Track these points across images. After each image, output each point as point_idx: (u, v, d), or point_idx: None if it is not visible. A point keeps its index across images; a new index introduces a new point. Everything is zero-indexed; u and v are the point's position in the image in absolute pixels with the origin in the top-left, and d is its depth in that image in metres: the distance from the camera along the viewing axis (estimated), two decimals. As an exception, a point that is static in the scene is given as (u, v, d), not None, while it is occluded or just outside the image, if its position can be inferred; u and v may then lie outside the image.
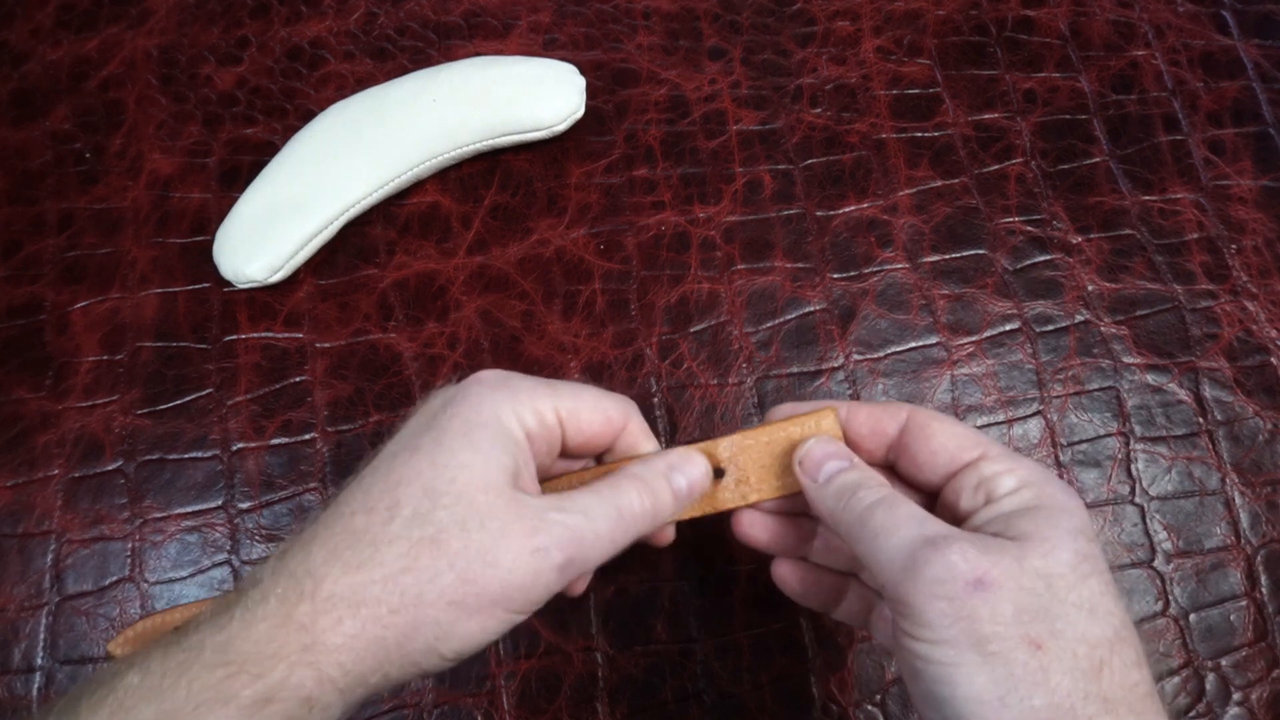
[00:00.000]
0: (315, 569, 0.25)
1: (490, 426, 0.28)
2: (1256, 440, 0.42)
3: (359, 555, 0.26)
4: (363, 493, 0.27)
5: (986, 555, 0.25)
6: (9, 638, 0.39)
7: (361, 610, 0.25)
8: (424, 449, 0.27)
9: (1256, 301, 0.44)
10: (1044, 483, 0.28)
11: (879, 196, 0.46)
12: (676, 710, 0.39)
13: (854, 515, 0.28)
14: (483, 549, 0.26)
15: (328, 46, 0.50)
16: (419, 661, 0.26)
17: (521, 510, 0.27)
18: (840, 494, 0.29)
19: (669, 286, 0.45)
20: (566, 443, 0.31)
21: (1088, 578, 0.25)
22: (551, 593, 0.27)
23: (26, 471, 0.42)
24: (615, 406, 0.32)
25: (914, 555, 0.26)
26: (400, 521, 0.26)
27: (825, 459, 0.31)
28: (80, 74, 0.50)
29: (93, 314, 0.45)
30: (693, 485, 0.31)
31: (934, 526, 0.27)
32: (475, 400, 0.29)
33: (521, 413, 0.29)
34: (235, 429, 0.43)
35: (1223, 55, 0.49)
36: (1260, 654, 0.39)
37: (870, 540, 0.27)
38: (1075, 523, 0.27)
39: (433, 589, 0.25)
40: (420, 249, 0.46)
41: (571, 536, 0.27)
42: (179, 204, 0.47)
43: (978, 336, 0.44)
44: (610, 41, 0.50)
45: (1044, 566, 0.25)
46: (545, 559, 0.26)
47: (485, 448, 0.27)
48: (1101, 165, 0.47)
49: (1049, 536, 0.26)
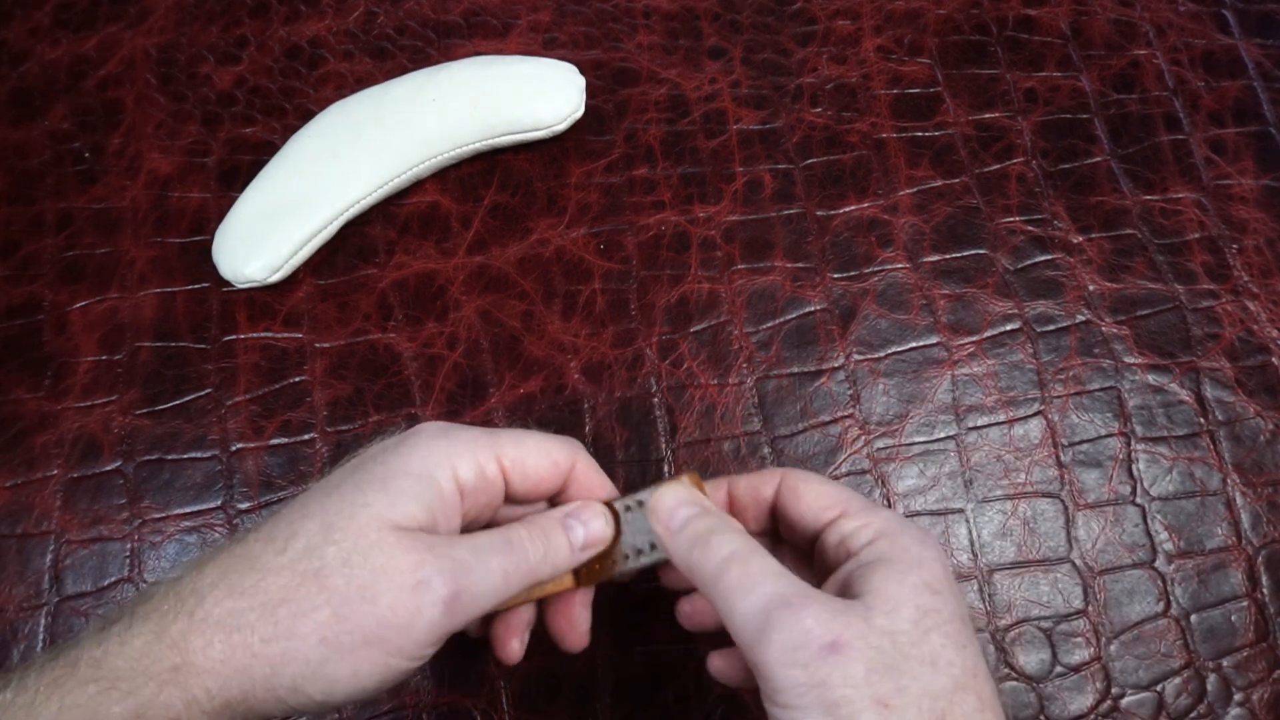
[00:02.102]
0: (202, 589, 0.26)
1: (414, 475, 0.28)
2: (1258, 440, 0.42)
3: (245, 581, 0.26)
4: (271, 522, 0.27)
5: (838, 618, 0.25)
6: (8, 638, 0.39)
7: (234, 636, 0.25)
8: (341, 489, 0.27)
9: (1258, 301, 0.44)
10: (897, 534, 0.28)
11: (879, 196, 0.46)
12: (676, 710, 0.39)
13: (709, 568, 0.28)
14: (362, 585, 0.25)
15: (327, 46, 0.50)
16: (284, 699, 0.25)
17: (411, 546, 0.26)
18: (693, 542, 0.29)
19: (669, 286, 0.45)
20: (512, 490, 0.31)
21: (929, 632, 0.26)
22: (436, 634, 0.26)
23: (25, 472, 0.42)
24: (561, 450, 0.31)
25: (768, 618, 0.26)
26: (291, 553, 0.26)
27: (677, 505, 0.30)
28: (79, 73, 0.50)
29: (91, 314, 0.45)
30: (590, 537, 0.31)
31: (787, 585, 0.27)
32: (408, 450, 0.28)
33: (458, 465, 0.29)
34: (234, 429, 0.42)
35: (1224, 55, 0.49)
36: (1261, 655, 0.39)
37: (725, 598, 0.27)
38: (922, 576, 0.27)
39: (306, 623, 0.25)
40: (420, 249, 0.46)
41: (456, 569, 0.26)
42: (178, 204, 0.47)
43: (978, 336, 0.44)
44: (610, 41, 0.50)
45: (888, 624, 0.25)
46: (427, 593, 0.26)
47: (395, 493, 0.27)
48: (1102, 165, 0.47)
49: (893, 594, 0.26)
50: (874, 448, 0.42)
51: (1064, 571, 0.40)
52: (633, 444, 0.42)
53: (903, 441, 0.42)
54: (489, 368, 0.43)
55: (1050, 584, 0.40)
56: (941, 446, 0.42)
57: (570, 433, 0.42)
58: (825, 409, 0.43)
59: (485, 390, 0.43)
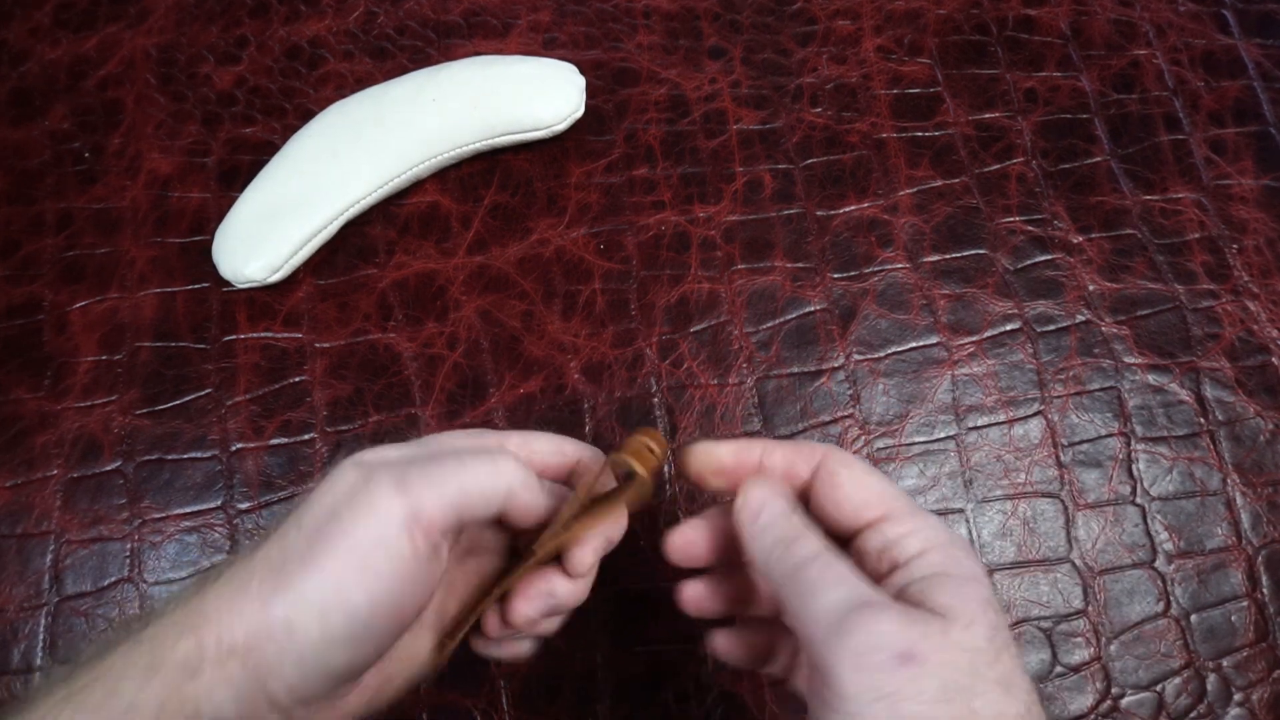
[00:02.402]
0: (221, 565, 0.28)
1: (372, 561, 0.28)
2: (1258, 440, 0.42)
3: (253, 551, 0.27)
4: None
5: (915, 627, 0.24)
6: (8, 638, 0.39)
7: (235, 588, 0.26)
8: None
9: (1258, 301, 0.44)
10: (949, 546, 0.27)
11: (879, 196, 0.46)
12: (676, 710, 0.39)
13: (789, 565, 0.27)
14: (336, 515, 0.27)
15: (327, 46, 0.50)
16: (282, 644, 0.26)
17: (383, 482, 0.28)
18: (780, 542, 0.28)
19: (669, 286, 0.45)
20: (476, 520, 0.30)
21: (1001, 652, 0.25)
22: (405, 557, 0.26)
23: (25, 472, 0.42)
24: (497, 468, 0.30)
25: (844, 617, 0.25)
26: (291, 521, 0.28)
27: (764, 502, 0.29)
28: (79, 73, 0.50)
29: (91, 314, 0.45)
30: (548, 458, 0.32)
31: (869, 591, 0.26)
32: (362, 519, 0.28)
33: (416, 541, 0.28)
34: (234, 429, 0.42)
35: (1224, 55, 0.49)
36: (1261, 654, 0.39)
37: (801, 595, 0.26)
38: (984, 593, 0.26)
39: (293, 558, 0.26)
40: (420, 249, 0.46)
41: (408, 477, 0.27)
42: (178, 204, 0.47)
43: (978, 336, 0.44)
44: (610, 41, 0.50)
45: (967, 639, 0.24)
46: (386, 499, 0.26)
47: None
48: (1102, 165, 0.47)
49: (967, 609, 0.25)
50: (874, 448, 0.42)
51: (1064, 571, 0.40)
52: (633, 444, 0.42)
53: (903, 441, 0.42)
54: (489, 368, 0.43)
55: (1050, 584, 0.40)
56: (941, 446, 0.42)
57: (570, 433, 0.42)
58: (825, 409, 0.43)
59: (485, 390, 0.43)
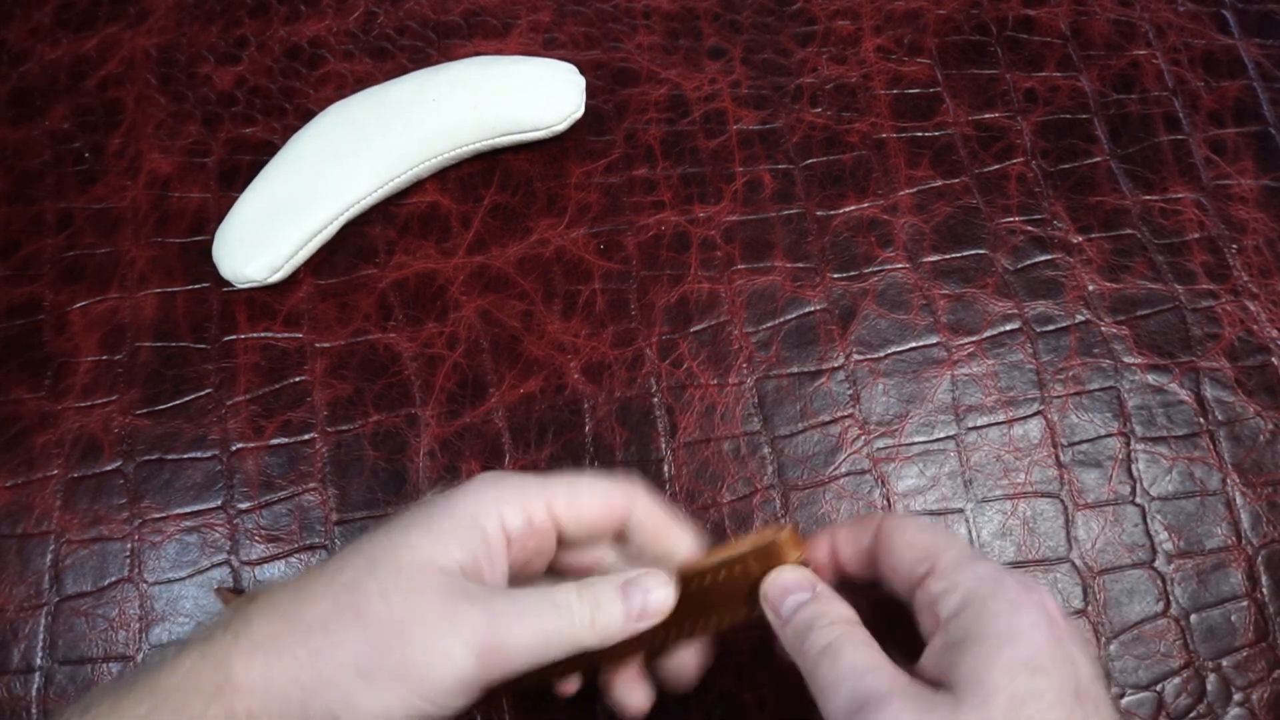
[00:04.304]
0: (250, 614, 0.26)
1: (458, 519, 0.28)
2: (1258, 440, 0.42)
3: (288, 606, 0.26)
4: (328, 560, 0.28)
5: (920, 717, 0.24)
6: (8, 638, 0.39)
7: (272, 658, 0.25)
8: (390, 531, 0.28)
9: (1257, 301, 0.44)
10: (986, 598, 0.26)
11: (879, 196, 0.46)
12: (677, 710, 0.39)
13: (807, 663, 0.27)
14: (398, 621, 0.26)
15: (327, 46, 0.50)
16: None
17: (450, 591, 0.26)
18: (798, 634, 0.28)
19: (669, 286, 0.45)
20: (566, 536, 0.30)
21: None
22: (465, 684, 0.26)
23: (25, 472, 0.42)
24: (616, 493, 0.31)
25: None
26: (337, 585, 0.27)
27: (787, 591, 0.29)
28: (79, 73, 0.50)
29: (91, 314, 0.45)
30: (648, 605, 0.29)
31: (870, 683, 0.25)
32: (457, 497, 0.29)
33: (505, 511, 0.28)
34: (234, 429, 0.42)
35: (1224, 55, 0.49)
36: (1261, 654, 0.39)
37: (818, 696, 0.26)
38: (1018, 654, 0.24)
39: (339, 652, 0.25)
40: (420, 249, 0.46)
41: (493, 621, 0.26)
42: (178, 204, 0.47)
43: (978, 336, 0.44)
44: (610, 41, 0.50)
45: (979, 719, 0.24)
46: (458, 639, 0.26)
47: (443, 536, 0.28)
48: (1102, 165, 0.47)
49: (984, 681, 0.24)
50: (874, 448, 0.42)
51: (1064, 571, 0.40)
52: (633, 444, 0.42)
53: (902, 441, 0.42)
54: (489, 368, 0.43)
55: (1050, 584, 0.40)
56: (941, 446, 0.42)
57: (570, 433, 0.42)
58: (825, 409, 0.43)
59: (485, 390, 0.43)
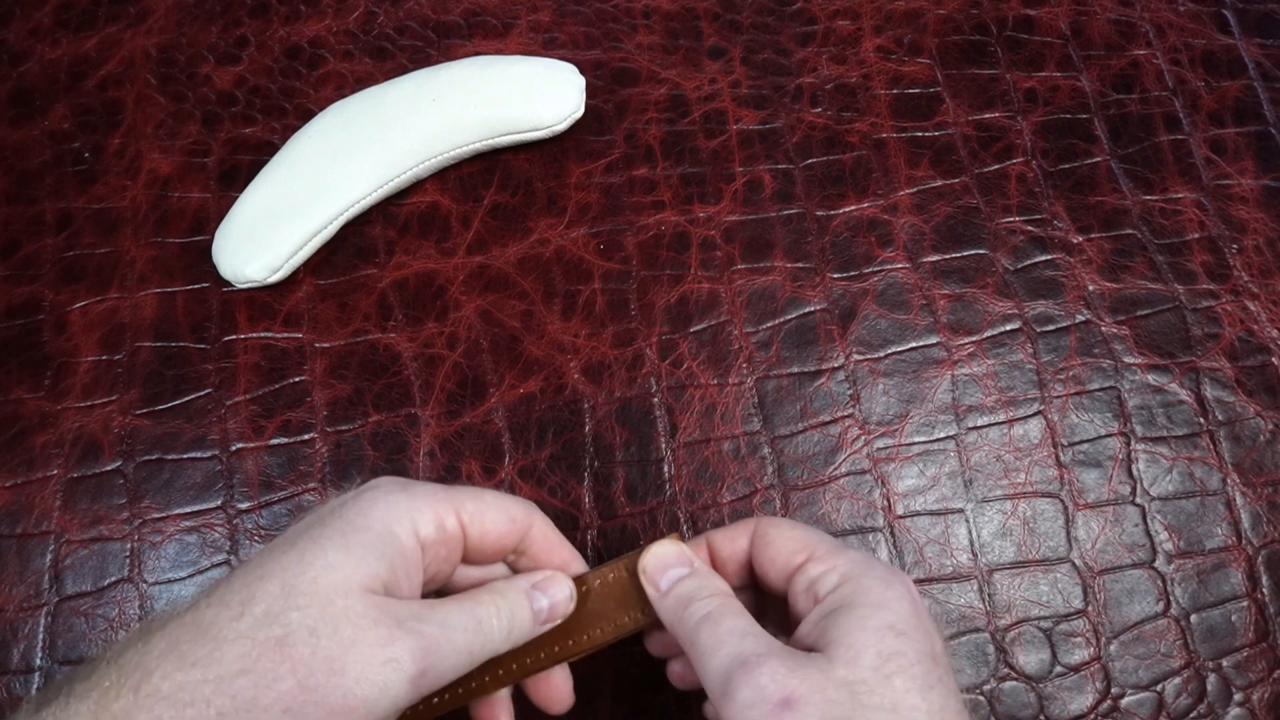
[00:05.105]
0: (148, 662, 0.24)
1: (375, 531, 0.27)
2: (1258, 440, 0.42)
3: (198, 650, 0.24)
4: (224, 585, 0.26)
5: (794, 673, 0.25)
6: (8, 638, 0.39)
7: (186, 711, 0.23)
8: (299, 547, 0.27)
9: (1258, 301, 0.44)
10: (860, 575, 0.28)
11: (879, 196, 0.46)
12: (677, 710, 0.39)
13: (687, 630, 0.29)
14: (330, 657, 0.25)
15: (327, 46, 0.50)
16: None
17: (380, 618, 0.26)
18: (678, 604, 0.30)
19: (669, 286, 0.45)
20: (470, 546, 0.30)
21: (891, 677, 0.25)
22: (399, 708, 0.26)
23: (25, 472, 0.42)
24: (518, 508, 0.31)
25: (729, 677, 0.26)
26: (250, 619, 0.25)
27: (666, 566, 0.31)
28: (79, 73, 0.50)
29: (91, 314, 0.45)
30: (554, 606, 0.31)
31: (750, 644, 0.27)
32: (367, 505, 0.28)
33: (418, 519, 0.28)
34: (234, 429, 0.42)
35: (1224, 54, 0.49)
36: (1261, 654, 0.39)
37: (698, 659, 0.28)
38: (885, 618, 0.27)
39: (269, 694, 0.24)
40: (420, 249, 0.46)
41: (427, 647, 0.26)
42: (178, 204, 0.47)
43: (978, 336, 0.44)
44: (610, 41, 0.50)
45: (848, 674, 0.25)
46: (396, 670, 0.25)
47: (359, 551, 0.27)
48: (1102, 165, 0.47)
49: (854, 641, 0.26)
50: (874, 448, 0.42)
51: (1064, 571, 0.40)
52: (633, 444, 0.42)
53: (903, 441, 0.42)
54: (489, 368, 0.43)
55: (1050, 584, 0.40)
56: (941, 446, 0.42)
57: (570, 433, 0.42)
58: (825, 409, 0.43)
59: (485, 390, 0.43)
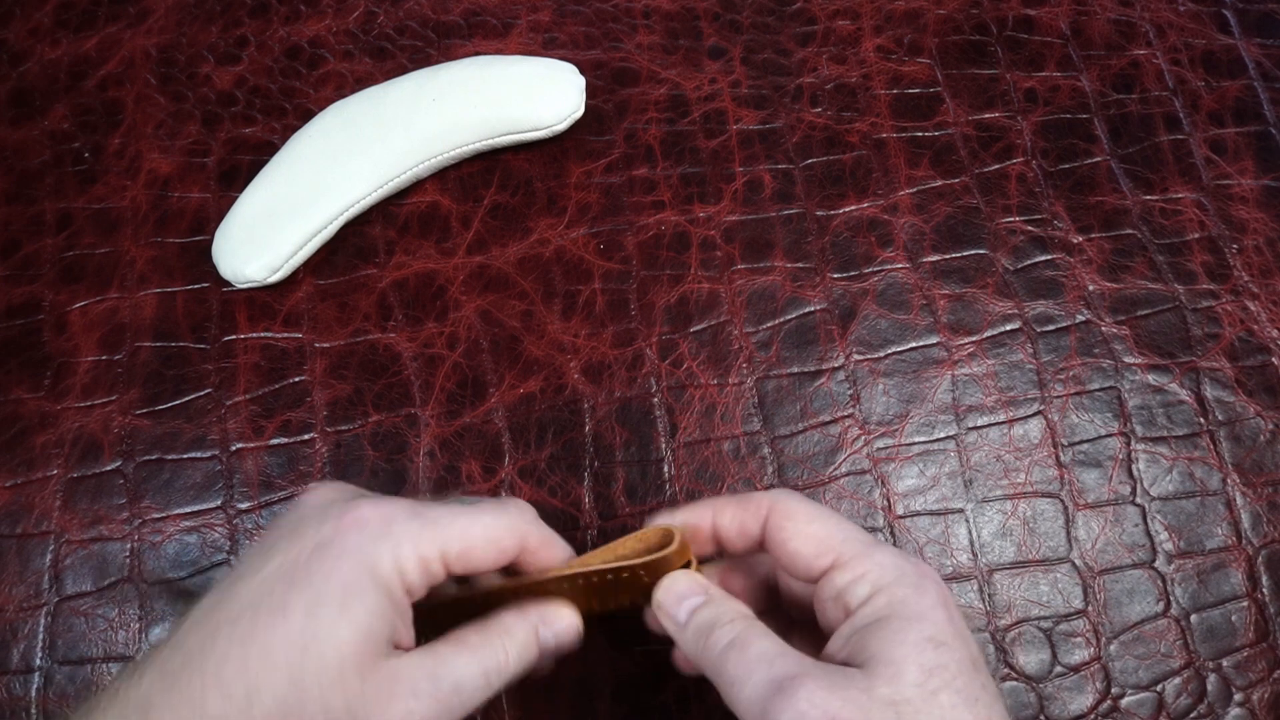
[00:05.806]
0: None
1: (362, 585, 0.26)
2: (1258, 440, 0.42)
3: None
4: (217, 657, 0.25)
5: (835, 693, 0.24)
6: (7, 638, 0.39)
7: None
8: (293, 613, 0.25)
9: (1258, 301, 0.44)
10: (895, 584, 0.27)
11: (879, 196, 0.46)
12: (676, 710, 0.39)
13: (712, 660, 0.28)
14: None
15: (327, 46, 0.50)
16: None
17: (395, 688, 0.26)
18: (698, 635, 0.29)
19: (669, 286, 0.45)
20: (453, 573, 0.30)
21: (936, 693, 0.25)
22: None
23: (25, 472, 0.42)
24: (508, 535, 0.30)
25: (765, 706, 0.25)
26: (261, 711, 0.24)
27: (682, 598, 0.30)
28: (79, 73, 0.50)
29: (91, 314, 0.45)
30: (559, 639, 0.31)
31: (782, 667, 0.26)
32: (353, 550, 0.26)
33: (404, 565, 0.27)
34: (234, 429, 0.42)
35: (1224, 54, 0.49)
36: (1262, 654, 0.39)
37: (728, 689, 0.27)
38: (924, 631, 0.26)
39: None
40: (420, 249, 0.46)
41: (440, 714, 0.26)
42: (178, 204, 0.47)
43: (978, 336, 0.44)
44: (610, 41, 0.50)
45: (891, 693, 0.24)
46: None
47: (362, 617, 0.26)
48: (1103, 165, 0.47)
49: (895, 657, 0.25)
50: (874, 448, 0.42)
51: (1064, 571, 0.40)
52: (633, 444, 0.42)
53: (903, 441, 0.42)
54: (489, 368, 0.43)
55: (1050, 584, 0.40)
56: (941, 446, 0.42)
57: (570, 433, 0.42)
58: (825, 409, 0.43)
59: (485, 390, 0.43)
